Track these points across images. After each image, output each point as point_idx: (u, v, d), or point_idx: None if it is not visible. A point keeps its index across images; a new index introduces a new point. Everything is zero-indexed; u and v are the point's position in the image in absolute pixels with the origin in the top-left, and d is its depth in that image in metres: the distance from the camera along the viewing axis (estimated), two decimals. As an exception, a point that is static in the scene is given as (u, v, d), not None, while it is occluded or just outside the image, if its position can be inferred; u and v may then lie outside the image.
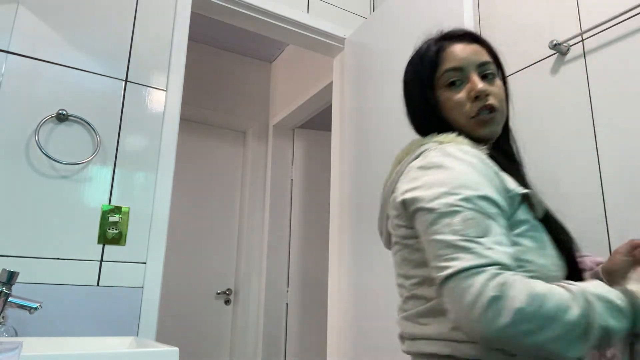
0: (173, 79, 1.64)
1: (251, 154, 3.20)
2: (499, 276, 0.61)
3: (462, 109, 0.83)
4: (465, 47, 0.87)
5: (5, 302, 1.06)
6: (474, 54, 0.86)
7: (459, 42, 0.87)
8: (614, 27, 1.27)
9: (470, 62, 0.85)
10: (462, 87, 0.84)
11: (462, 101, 0.83)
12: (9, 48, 1.40)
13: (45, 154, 1.38)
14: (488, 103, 0.82)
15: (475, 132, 0.83)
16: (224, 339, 2.99)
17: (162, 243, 1.51)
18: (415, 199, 0.73)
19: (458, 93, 0.84)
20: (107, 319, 1.39)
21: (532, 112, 1.47)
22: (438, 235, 0.67)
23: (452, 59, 0.86)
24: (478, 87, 0.82)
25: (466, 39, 0.88)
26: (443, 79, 0.86)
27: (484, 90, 0.82)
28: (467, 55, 0.85)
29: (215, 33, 3.05)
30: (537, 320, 0.58)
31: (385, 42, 1.86)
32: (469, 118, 0.83)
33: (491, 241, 0.65)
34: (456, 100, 0.84)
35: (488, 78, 0.85)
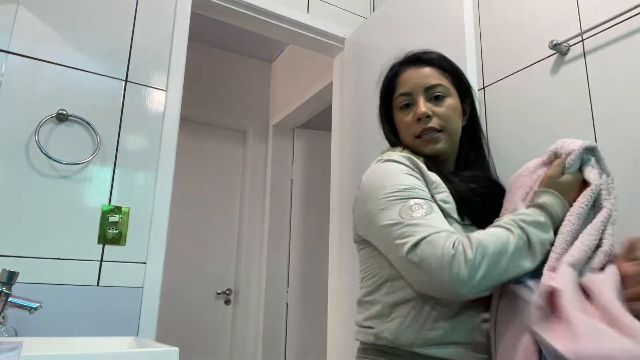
0: (173, 79, 1.64)
1: (251, 154, 3.20)
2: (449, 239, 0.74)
3: (409, 130, 0.93)
4: (416, 71, 0.95)
5: (5, 302, 1.06)
6: (423, 77, 0.93)
7: (411, 67, 0.96)
8: (614, 27, 1.27)
9: (418, 86, 0.93)
10: (410, 110, 0.93)
11: (409, 123, 0.93)
12: (9, 48, 1.40)
13: (45, 154, 1.38)
14: (428, 126, 0.90)
15: (420, 149, 0.93)
16: (224, 339, 2.99)
17: (162, 243, 1.51)
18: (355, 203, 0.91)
19: (407, 115, 0.93)
20: (107, 319, 1.39)
21: (532, 112, 1.47)
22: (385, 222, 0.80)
23: (403, 84, 0.95)
24: (419, 111, 0.90)
25: (419, 63, 0.96)
26: (397, 102, 0.95)
27: (424, 113, 0.90)
28: (415, 80, 0.93)
29: (215, 33, 3.05)
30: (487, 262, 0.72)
31: (385, 42, 1.86)
32: (415, 137, 0.93)
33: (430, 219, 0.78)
34: (405, 122, 0.93)
35: (437, 99, 0.93)
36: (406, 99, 0.94)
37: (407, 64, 0.98)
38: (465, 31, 1.44)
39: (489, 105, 1.61)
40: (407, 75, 0.95)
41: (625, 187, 1.19)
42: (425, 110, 0.91)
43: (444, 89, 0.94)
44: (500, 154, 1.55)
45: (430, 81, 0.93)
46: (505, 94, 1.57)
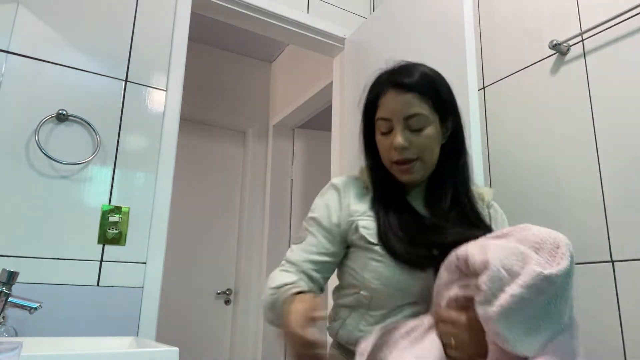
0: (173, 79, 1.64)
1: (251, 154, 3.20)
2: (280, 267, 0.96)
3: (387, 154, 0.95)
4: (397, 97, 0.93)
5: (5, 302, 1.06)
6: (404, 105, 0.92)
7: (393, 91, 0.93)
8: (614, 27, 1.27)
9: (398, 114, 0.92)
10: (389, 135, 0.94)
11: (387, 148, 0.94)
12: (9, 48, 1.40)
13: (45, 154, 1.38)
14: (402, 158, 0.92)
15: (397, 176, 0.96)
16: (224, 339, 2.99)
17: (162, 243, 1.51)
18: None
19: (386, 140, 0.94)
20: (107, 319, 1.39)
21: (532, 112, 1.47)
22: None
23: (383, 108, 0.94)
24: (396, 143, 0.91)
25: (401, 88, 0.93)
26: (377, 124, 0.96)
27: (399, 145, 0.91)
28: (396, 108, 0.92)
29: (215, 33, 3.05)
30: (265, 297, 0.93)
31: (385, 42, 1.86)
32: (391, 162, 0.95)
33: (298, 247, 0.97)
34: (384, 145, 0.95)
35: (416, 129, 0.92)
36: (385, 125, 0.94)
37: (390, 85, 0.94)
38: (465, 31, 1.44)
39: (489, 105, 1.61)
40: (389, 100, 0.94)
41: (625, 186, 1.19)
42: (402, 142, 0.91)
43: (423, 118, 0.92)
44: (500, 154, 1.55)
45: (410, 110, 0.92)
46: (505, 94, 1.57)
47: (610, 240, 1.21)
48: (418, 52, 1.66)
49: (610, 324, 1.17)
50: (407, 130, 0.92)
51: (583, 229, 1.27)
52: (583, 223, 1.27)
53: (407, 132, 0.92)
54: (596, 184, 1.26)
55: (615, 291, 1.17)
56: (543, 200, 1.39)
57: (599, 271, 1.21)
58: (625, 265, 1.16)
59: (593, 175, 1.27)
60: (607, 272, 1.20)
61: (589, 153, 1.29)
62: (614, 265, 1.19)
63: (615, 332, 1.16)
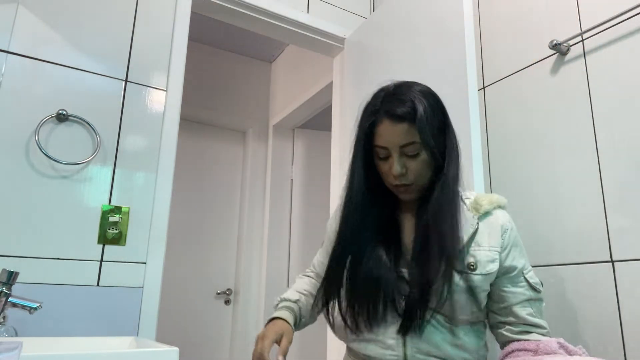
0: (173, 79, 1.64)
1: (251, 154, 3.20)
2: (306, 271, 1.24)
3: (387, 179, 1.02)
4: (392, 127, 0.97)
5: (5, 302, 1.06)
6: (399, 134, 0.96)
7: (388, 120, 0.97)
8: (614, 27, 1.27)
9: (394, 143, 0.97)
10: (387, 161, 1.00)
11: (386, 172, 1.01)
12: (9, 48, 1.40)
13: (45, 154, 1.38)
14: (400, 184, 0.99)
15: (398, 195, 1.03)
16: (224, 339, 2.99)
17: (162, 243, 1.51)
18: None
19: (385, 165, 1.01)
20: (107, 319, 1.39)
21: (532, 112, 1.47)
22: None
23: (379, 136, 0.99)
24: (393, 171, 0.97)
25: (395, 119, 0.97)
26: (375, 150, 1.01)
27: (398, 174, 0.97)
28: (392, 137, 0.97)
29: (215, 33, 3.05)
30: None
31: (385, 42, 1.86)
32: (392, 185, 1.02)
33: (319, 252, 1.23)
34: (383, 171, 1.02)
35: (411, 155, 0.98)
36: (382, 152, 1.00)
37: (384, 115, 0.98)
38: (465, 31, 1.44)
39: (489, 105, 1.61)
40: (384, 129, 0.98)
41: (625, 186, 1.19)
42: (400, 170, 0.97)
43: (417, 146, 0.97)
44: (500, 154, 1.55)
45: (405, 139, 0.97)
46: (505, 94, 1.57)
47: (610, 240, 1.21)
48: (418, 52, 1.67)
49: (610, 324, 1.17)
50: (404, 157, 0.98)
51: (583, 229, 1.27)
52: (583, 223, 1.27)
53: (404, 158, 0.98)
54: (596, 183, 1.26)
55: (615, 291, 1.17)
56: (543, 200, 1.39)
57: (599, 271, 1.21)
58: (625, 265, 1.16)
59: (593, 175, 1.27)
60: (607, 272, 1.20)
61: (589, 153, 1.29)
62: (614, 265, 1.19)
63: (615, 332, 1.16)
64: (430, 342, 0.93)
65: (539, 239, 1.37)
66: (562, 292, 1.28)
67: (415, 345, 0.93)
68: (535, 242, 1.38)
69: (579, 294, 1.25)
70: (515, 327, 0.98)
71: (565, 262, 1.29)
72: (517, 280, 0.99)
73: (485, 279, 0.96)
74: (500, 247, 0.99)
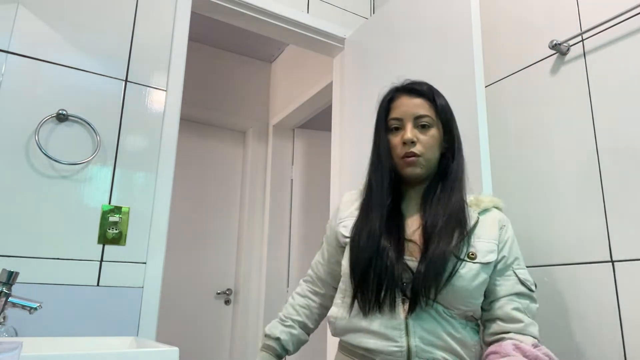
0: (173, 79, 1.64)
1: (251, 154, 3.20)
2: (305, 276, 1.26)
3: (396, 150, 1.07)
4: (409, 100, 1.08)
5: (5, 302, 1.06)
6: (414, 106, 1.07)
7: (406, 95, 1.09)
8: (614, 27, 1.27)
9: (408, 114, 1.06)
10: (399, 133, 1.07)
11: (396, 144, 1.07)
12: (9, 48, 1.40)
13: (45, 154, 1.38)
14: (411, 150, 1.04)
15: (402, 170, 1.07)
16: (224, 339, 2.99)
17: (162, 243, 1.51)
18: None
19: (395, 137, 1.07)
20: (107, 319, 1.39)
21: (532, 113, 1.47)
22: None
23: (396, 109, 1.08)
24: (406, 136, 1.04)
25: (413, 93, 1.09)
26: (389, 124, 1.09)
27: (409, 139, 1.04)
28: (407, 108, 1.07)
29: (215, 33, 3.05)
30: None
31: (386, 42, 1.86)
32: (400, 158, 1.06)
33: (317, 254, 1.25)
34: (394, 142, 1.07)
35: (424, 127, 1.06)
36: (397, 123, 1.07)
37: (402, 91, 1.10)
38: (472, 31, 1.45)
39: (489, 105, 1.61)
40: (400, 102, 1.08)
41: (625, 186, 1.19)
42: (411, 136, 1.04)
43: (430, 119, 1.06)
44: (500, 154, 1.55)
45: (420, 111, 1.06)
46: (505, 94, 1.57)
47: (610, 240, 1.21)
48: (420, 52, 1.67)
49: (610, 324, 1.17)
50: (416, 129, 1.06)
51: (583, 229, 1.27)
52: (583, 223, 1.27)
53: (416, 130, 1.05)
54: (596, 183, 1.26)
55: (615, 291, 1.17)
56: (543, 200, 1.39)
57: (599, 271, 1.21)
58: (625, 265, 1.16)
59: (593, 175, 1.27)
60: (607, 272, 1.20)
61: (589, 153, 1.29)
62: (614, 265, 1.19)
63: (615, 332, 1.16)
64: (433, 332, 0.94)
65: (539, 238, 1.37)
66: (562, 292, 1.28)
67: (419, 336, 0.94)
68: (535, 241, 1.38)
69: (579, 294, 1.25)
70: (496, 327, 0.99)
71: (565, 262, 1.29)
72: (507, 273, 1.03)
73: (483, 268, 0.98)
74: (497, 240, 1.03)
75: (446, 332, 0.95)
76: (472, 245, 1.00)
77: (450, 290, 0.95)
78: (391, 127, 1.08)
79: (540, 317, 1.05)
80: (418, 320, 0.95)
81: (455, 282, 0.95)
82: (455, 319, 0.97)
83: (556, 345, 1.26)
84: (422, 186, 1.10)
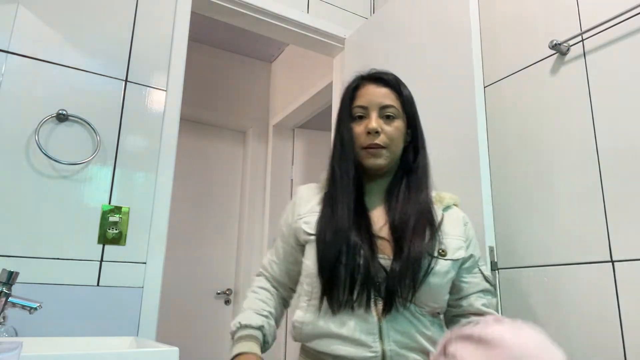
0: (173, 79, 1.64)
1: (251, 154, 3.20)
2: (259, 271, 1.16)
3: (359, 140, 1.03)
4: (375, 89, 1.05)
5: (5, 302, 1.06)
6: (381, 96, 1.04)
7: (372, 84, 1.06)
8: (614, 27, 1.27)
9: (374, 103, 1.03)
10: (363, 122, 1.03)
11: (360, 133, 1.03)
12: (9, 48, 1.40)
13: (45, 154, 1.38)
14: (375, 142, 1.00)
15: (363, 160, 1.03)
16: (224, 339, 2.99)
17: (162, 243, 1.51)
18: None
19: (359, 126, 1.03)
20: (107, 319, 1.39)
21: (531, 113, 1.47)
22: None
23: (361, 97, 1.05)
24: (370, 125, 1.01)
25: (380, 82, 1.06)
26: (353, 111, 1.05)
27: (374, 128, 1.00)
28: (373, 97, 1.04)
29: (215, 33, 3.05)
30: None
31: (386, 42, 1.86)
32: (362, 148, 1.02)
33: (269, 252, 1.16)
34: (357, 131, 1.03)
35: (388, 118, 1.03)
36: (361, 111, 1.04)
37: (368, 80, 1.07)
38: (471, 31, 1.45)
39: (489, 105, 1.61)
40: (366, 90, 1.05)
41: (625, 186, 1.19)
42: (376, 126, 1.01)
43: (395, 110, 1.03)
44: (500, 154, 1.55)
45: (385, 101, 1.03)
46: (505, 94, 1.57)
47: (610, 240, 1.21)
48: (420, 52, 1.67)
49: (610, 324, 1.17)
50: (381, 119, 1.03)
51: (583, 229, 1.27)
52: (583, 223, 1.27)
53: (381, 120, 1.02)
54: (596, 183, 1.26)
55: (615, 291, 1.17)
56: (543, 200, 1.39)
57: (599, 271, 1.21)
58: (625, 265, 1.16)
59: (593, 175, 1.27)
60: (607, 272, 1.20)
61: (589, 153, 1.29)
62: (614, 265, 1.19)
63: (615, 332, 1.16)
64: (407, 334, 0.92)
65: (539, 238, 1.37)
66: (562, 292, 1.28)
67: (393, 339, 0.91)
68: (535, 241, 1.38)
69: (578, 294, 1.25)
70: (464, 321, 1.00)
71: (565, 262, 1.29)
72: (474, 270, 1.04)
73: (452, 264, 0.99)
74: (464, 237, 1.05)
75: (419, 332, 0.93)
76: (442, 243, 0.99)
77: (426, 289, 0.94)
78: (355, 115, 1.04)
79: (540, 316, 1.05)
80: (392, 322, 0.91)
81: (430, 280, 0.94)
82: (425, 316, 0.96)
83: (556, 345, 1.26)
84: (384, 180, 1.07)
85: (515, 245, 1.43)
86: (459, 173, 1.44)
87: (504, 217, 1.47)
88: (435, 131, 1.52)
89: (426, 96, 1.58)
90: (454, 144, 1.47)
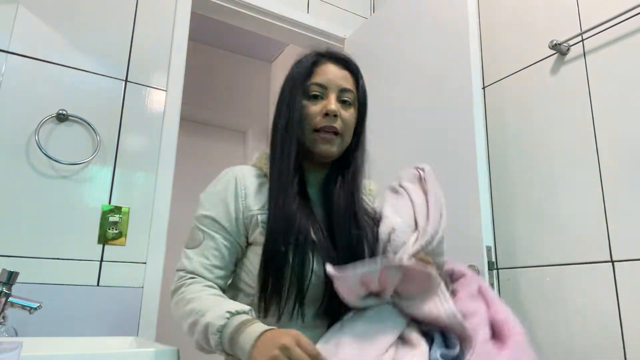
0: (173, 79, 1.64)
1: (251, 154, 3.20)
2: (181, 280, 0.90)
3: (312, 120, 0.93)
4: (336, 69, 0.97)
5: (5, 302, 1.06)
6: (341, 78, 0.96)
7: (333, 63, 0.98)
8: (614, 27, 1.27)
9: (334, 84, 0.94)
10: (319, 102, 0.94)
11: (315, 114, 0.93)
12: (9, 48, 1.40)
13: (45, 154, 1.38)
14: (333, 125, 0.92)
15: (313, 145, 0.93)
16: (224, 339, 2.98)
17: (162, 243, 1.51)
18: None
19: (314, 105, 0.93)
20: (107, 319, 1.38)
21: (531, 112, 1.47)
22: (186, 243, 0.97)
23: (320, 74, 0.95)
24: (330, 107, 0.91)
25: (341, 63, 0.98)
26: (309, 88, 0.94)
27: (333, 111, 0.91)
28: (334, 77, 0.95)
29: (215, 33, 3.05)
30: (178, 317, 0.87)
31: (386, 42, 1.86)
32: (313, 130, 0.92)
33: (194, 252, 0.92)
34: (311, 110, 0.93)
35: (345, 103, 0.95)
36: (318, 90, 0.94)
37: (328, 58, 0.99)
38: (469, 32, 1.45)
39: (489, 105, 1.61)
40: (327, 69, 0.97)
41: (625, 186, 1.19)
42: (335, 108, 0.92)
43: (352, 96, 0.97)
44: (500, 154, 1.55)
45: (345, 85, 0.96)
46: (505, 94, 1.57)
47: (610, 240, 1.21)
48: (419, 52, 1.67)
49: (610, 324, 1.17)
50: (339, 103, 0.94)
51: (583, 229, 1.27)
52: (583, 223, 1.27)
53: (339, 104, 0.94)
54: (596, 183, 1.26)
55: (615, 291, 1.17)
56: (543, 200, 1.39)
57: (599, 271, 1.21)
58: (625, 265, 1.16)
59: (593, 175, 1.27)
60: (607, 272, 1.20)
61: (588, 153, 1.29)
62: (614, 265, 1.19)
63: (615, 332, 1.16)
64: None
65: (539, 238, 1.37)
66: (562, 292, 1.28)
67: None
68: (535, 241, 1.38)
69: (579, 294, 1.25)
70: None
71: (565, 262, 1.29)
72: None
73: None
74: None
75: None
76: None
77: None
78: (311, 92, 0.94)
79: (540, 317, 1.05)
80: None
81: None
82: None
83: (556, 345, 1.27)
84: (322, 173, 0.98)
85: (514, 245, 1.43)
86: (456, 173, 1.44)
87: (504, 217, 1.48)
88: (434, 131, 1.52)
89: (425, 96, 1.58)
90: (452, 144, 1.47)
